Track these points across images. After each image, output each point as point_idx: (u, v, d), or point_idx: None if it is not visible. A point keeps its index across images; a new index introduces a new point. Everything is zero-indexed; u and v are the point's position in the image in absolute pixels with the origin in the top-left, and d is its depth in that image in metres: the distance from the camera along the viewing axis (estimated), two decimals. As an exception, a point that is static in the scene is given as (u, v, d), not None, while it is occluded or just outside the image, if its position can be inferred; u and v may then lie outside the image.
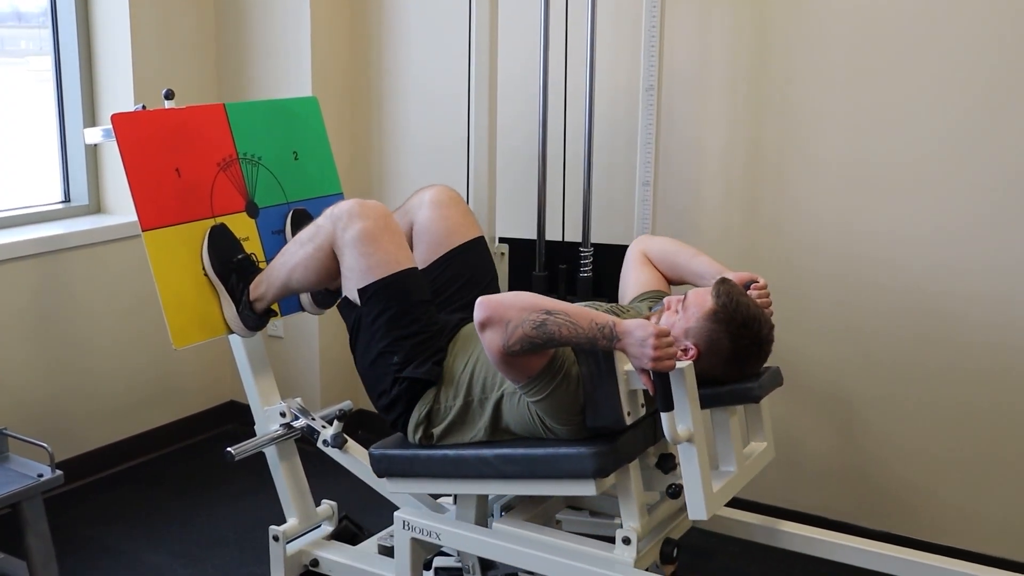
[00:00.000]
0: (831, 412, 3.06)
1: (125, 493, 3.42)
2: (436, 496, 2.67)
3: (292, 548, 2.68)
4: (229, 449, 2.55)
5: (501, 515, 2.60)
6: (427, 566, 2.63)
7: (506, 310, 2.05)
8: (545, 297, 2.11)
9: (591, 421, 2.13)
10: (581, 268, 3.00)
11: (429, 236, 2.59)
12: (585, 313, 2.06)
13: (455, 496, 2.78)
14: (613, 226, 3.13)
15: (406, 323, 2.34)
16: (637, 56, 2.90)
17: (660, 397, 2.02)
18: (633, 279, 2.58)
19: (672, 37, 3.00)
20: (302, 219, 2.77)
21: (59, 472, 2.53)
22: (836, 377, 3.02)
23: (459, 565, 2.63)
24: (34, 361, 3.33)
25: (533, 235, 3.09)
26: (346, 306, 2.42)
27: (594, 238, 3.03)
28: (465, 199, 2.96)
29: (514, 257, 3.10)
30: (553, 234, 3.12)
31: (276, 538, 2.65)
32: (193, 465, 3.64)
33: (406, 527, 2.43)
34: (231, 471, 3.14)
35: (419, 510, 2.54)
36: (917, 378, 2.91)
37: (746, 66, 3.01)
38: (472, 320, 2.25)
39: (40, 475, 2.52)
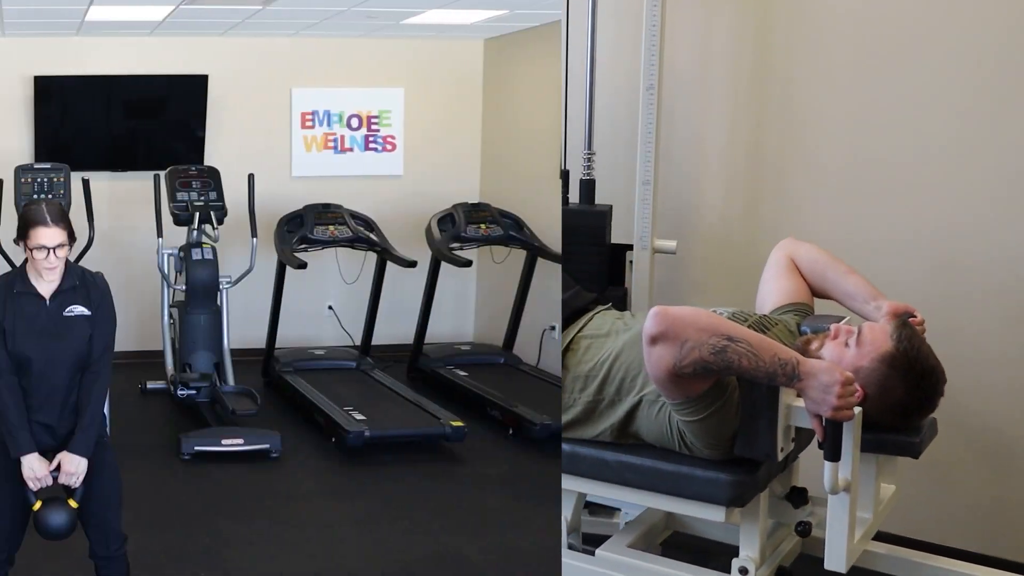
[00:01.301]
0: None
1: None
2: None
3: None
4: None
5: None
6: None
7: (684, 328, 1.89)
8: (723, 319, 1.97)
9: (740, 450, 2.00)
10: (583, 172, 3.01)
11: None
12: (767, 345, 1.91)
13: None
14: (614, 225, 3.12)
15: None
16: (638, 55, 2.90)
17: (829, 446, 1.90)
18: (777, 286, 2.40)
19: (673, 36, 3.00)
20: None
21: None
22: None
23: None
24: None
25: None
26: None
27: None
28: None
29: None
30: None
31: None
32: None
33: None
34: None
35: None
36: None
37: (747, 66, 3.01)
38: (601, 309, 2.23)
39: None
